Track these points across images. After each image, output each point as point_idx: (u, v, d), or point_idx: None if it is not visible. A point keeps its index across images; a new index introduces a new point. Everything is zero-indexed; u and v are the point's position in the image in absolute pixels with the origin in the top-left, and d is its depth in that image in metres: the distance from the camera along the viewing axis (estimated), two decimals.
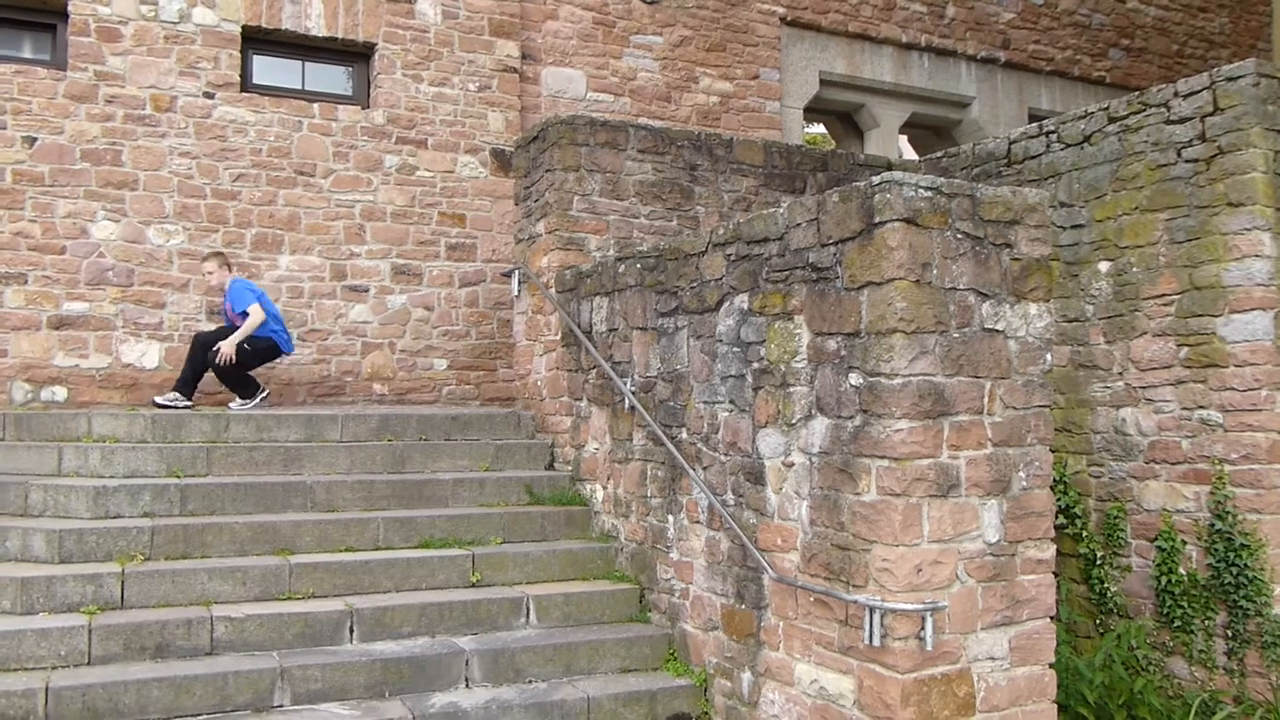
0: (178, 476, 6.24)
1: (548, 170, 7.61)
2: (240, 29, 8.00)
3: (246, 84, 8.13)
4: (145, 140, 7.67)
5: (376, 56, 8.46)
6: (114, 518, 5.86)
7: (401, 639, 5.49)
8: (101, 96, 7.57)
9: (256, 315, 7.37)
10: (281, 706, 4.94)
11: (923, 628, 4.19)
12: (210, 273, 7.54)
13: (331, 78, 8.53)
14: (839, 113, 11.47)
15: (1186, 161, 6.08)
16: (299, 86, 8.36)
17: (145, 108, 7.68)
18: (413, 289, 8.43)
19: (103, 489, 5.90)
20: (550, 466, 7.34)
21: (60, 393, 7.36)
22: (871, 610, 4.24)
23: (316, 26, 8.23)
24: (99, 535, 5.60)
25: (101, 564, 5.50)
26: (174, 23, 7.78)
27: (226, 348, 7.25)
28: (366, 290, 8.28)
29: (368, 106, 8.48)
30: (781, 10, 10.32)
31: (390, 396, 8.31)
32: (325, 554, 5.94)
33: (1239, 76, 5.87)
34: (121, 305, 7.55)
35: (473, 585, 6.01)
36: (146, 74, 7.70)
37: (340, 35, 8.31)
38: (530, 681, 5.42)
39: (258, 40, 8.19)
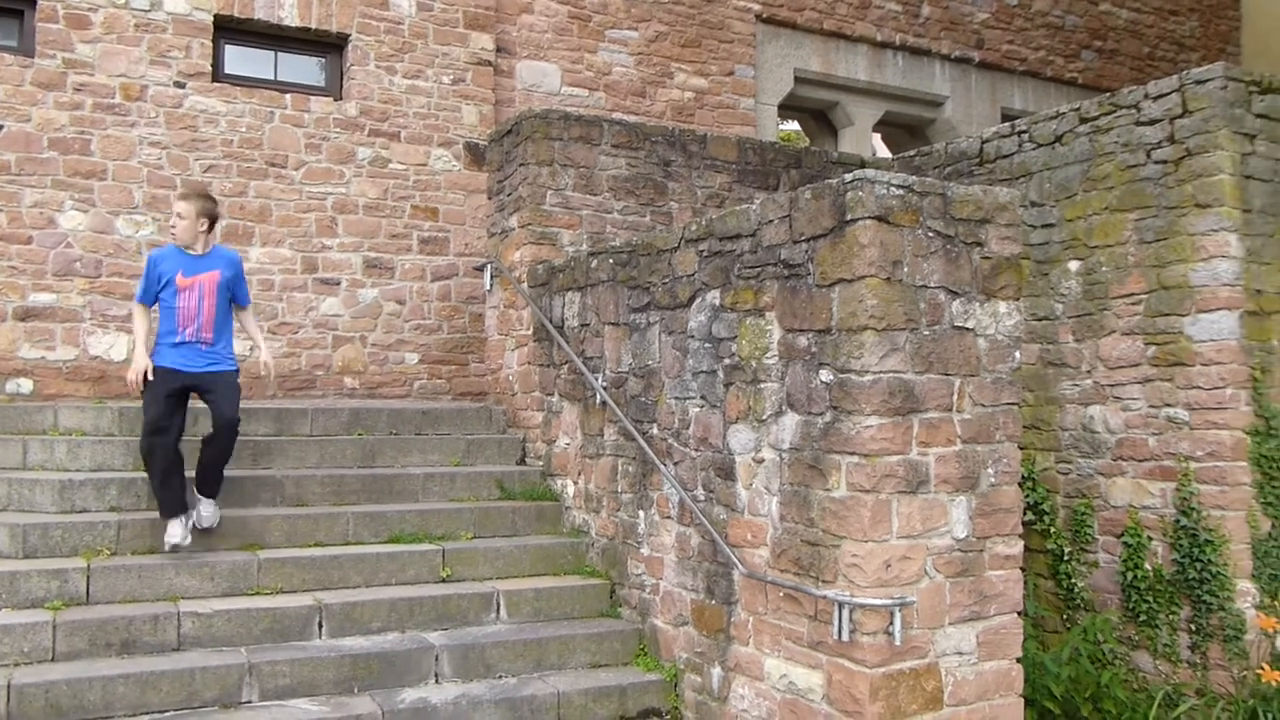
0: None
1: (521, 164, 7.59)
2: (212, 18, 7.93)
3: (218, 74, 8.06)
4: (114, 129, 7.59)
5: (350, 48, 8.41)
6: (80, 512, 5.80)
7: (371, 634, 5.47)
8: (70, 85, 7.48)
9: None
10: (250, 703, 4.90)
11: (891, 623, 4.21)
12: (199, 224, 5.69)
13: (304, 69, 8.47)
14: (813, 110, 11.50)
15: (1156, 163, 6.14)
16: (271, 77, 8.30)
17: (115, 96, 7.60)
18: (385, 282, 8.39)
19: (69, 483, 5.84)
20: (521, 461, 7.33)
21: (26, 385, 7.27)
22: (840, 605, 4.26)
23: (290, 16, 8.17)
24: (64, 529, 5.54)
25: (67, 559, 5.44)
26: (145, 10, 7.70)
27: (272, 361, 6.12)
28: (338, 283, 8.24)
29: (341, 98, 8.42)
30: (757, 7, 10.33)
31: (361, 390, 8.27)
32: (294, 549, 5.91)
33: (1208, 80, 5.93)
34: (89, 296, 7.46)
35: (443, 580, 6.00)
36: (116, 62, 7.61)
37: (314, 26, 8.25)
38: (500, 677, 5.41)
39: (230, 30, 8.12)
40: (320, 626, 5.40)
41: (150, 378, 5.52)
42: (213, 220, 5.77)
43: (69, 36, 7.49)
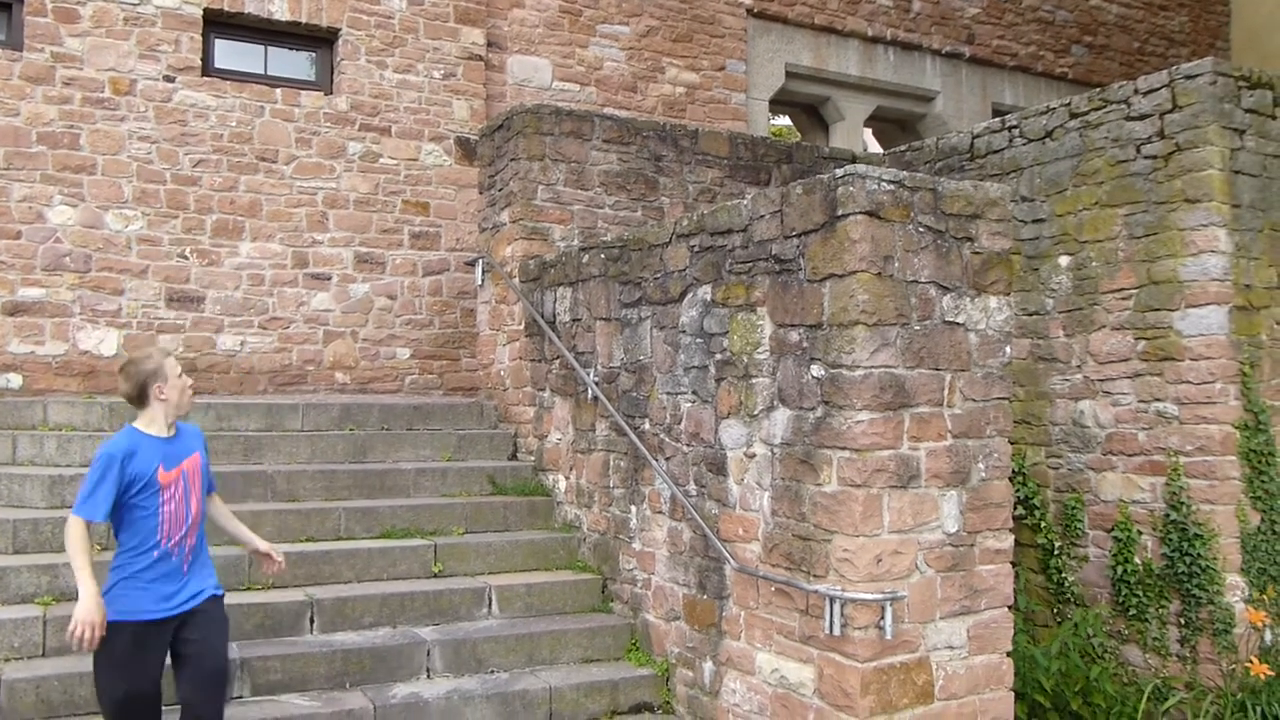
0: None
1: (512, 159, 7.58)
2: (202, 12, 7.90)
3: (208, 68, 8.03)
4: (104, 124, 7.56)
5: (340, 42, 8.38)
6: (70, 507, 5.77)
7: (363, 629, 5.46)
8: (59, 78, 7.45)
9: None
10: (241, 698, 4.89)
11: (882, 617, 4.22)
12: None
13: (295, 63, 8.44)
14: (804, 105, 11.50)
15: (1145, 158, 6.16)
16: (262, 71, 8.27)
17: (104, 90, 7.57)
18: (376, 277, 8.37)
19: (59, 478, 5.82)
20: (513, 456, 7.32)
21: (15, 380, 7.24)
22: (832, 600, 4.27)
23: (280, 11, 8.14)
24: (54, 525, 5.51)
25: (57, 554, 5.42)
26: (134, 4, 7.66)
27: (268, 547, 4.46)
28: (329, 278, 8.22)
29: (331, 92, 8.40)
30: (748, 1, 10.32)
31: (352, 385, 8.26)
32: (285, 544, 5.88)
33: (1197, 75, 5.95)
34: (79, 291, 7.44)
35: (435, 575, 5.99)
36: (105, 56, 7.58)
37: (304, 20, 8.22)
38: (492, 672, 5.41)
39: (220, 24, 8.09)
40: (312, 622, 5.39)
41: (100, 633, 3.79)
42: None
43: (57, 30, 7.45)
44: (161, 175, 7.70)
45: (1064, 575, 6.48)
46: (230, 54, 8.18)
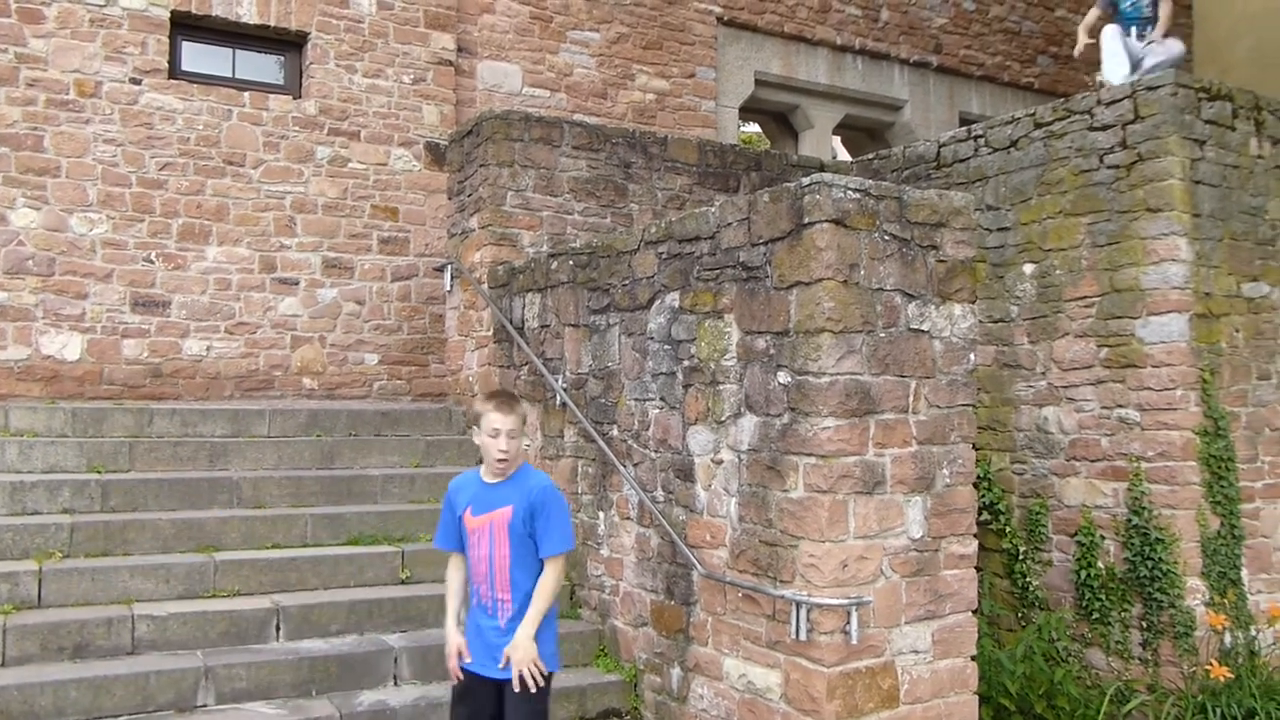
0: (99, 472, 6.11)
1: (482, 165, 7.57)
2: (169, 14, 7.82)
3: (175, 71, 7.96)
4: (68, 126, 7.48)
5: (309, 46, 8.34)
6: (31, 514, 5.72)
7: (329, 637, 5.44)
8: (22, 79, 7.36)
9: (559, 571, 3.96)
10: (205, 706, 4.86)
11: (848, 622, 4.25)
12: (509, 435, 4.06)
13: (263, 66, 8.39)
14: (774, 113, 11.56)
15: (1108, 168, 6.24)
16: (229, 75, 8.20)
17: (69, 92, 7.49)
18: (344, 282, 8.33)
19: (20, 484, 5.75)
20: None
21: None
22: (798, 605, 4.30)
23: (248, 14, 8.09)
24: (15, 532, 5.46)
25: (17, 562, 5.36)
26: (100, 5, 7.59)
27: (528, 653, 3.77)
28: (296, 283, 8.16)
29: (300, 97, 8.35)
30: (718, 10, 10.37)
31: (320, 391, 8.20)
32: (251, 551, 5.85)
33: (1159, 86, 6.04)
34: (42, 295, 7.35)
35: (402, 582, 5.97)
36: (70, 57, 7.50)
37: (272, 23, 8.16)
38: None
39: (187, 26, 8.02)
40: (278, 629, 5.36)
41: (460, 669, 3.84)
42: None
43: (21, 30, 7.37)
44: (127, 178, 7.62)
45: (1028, 580, 6.54)
46: (197, 56, 8.10)
